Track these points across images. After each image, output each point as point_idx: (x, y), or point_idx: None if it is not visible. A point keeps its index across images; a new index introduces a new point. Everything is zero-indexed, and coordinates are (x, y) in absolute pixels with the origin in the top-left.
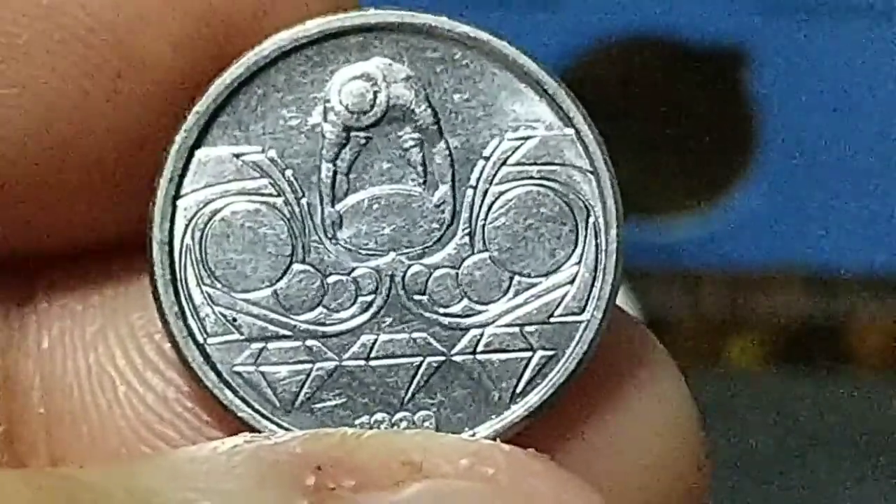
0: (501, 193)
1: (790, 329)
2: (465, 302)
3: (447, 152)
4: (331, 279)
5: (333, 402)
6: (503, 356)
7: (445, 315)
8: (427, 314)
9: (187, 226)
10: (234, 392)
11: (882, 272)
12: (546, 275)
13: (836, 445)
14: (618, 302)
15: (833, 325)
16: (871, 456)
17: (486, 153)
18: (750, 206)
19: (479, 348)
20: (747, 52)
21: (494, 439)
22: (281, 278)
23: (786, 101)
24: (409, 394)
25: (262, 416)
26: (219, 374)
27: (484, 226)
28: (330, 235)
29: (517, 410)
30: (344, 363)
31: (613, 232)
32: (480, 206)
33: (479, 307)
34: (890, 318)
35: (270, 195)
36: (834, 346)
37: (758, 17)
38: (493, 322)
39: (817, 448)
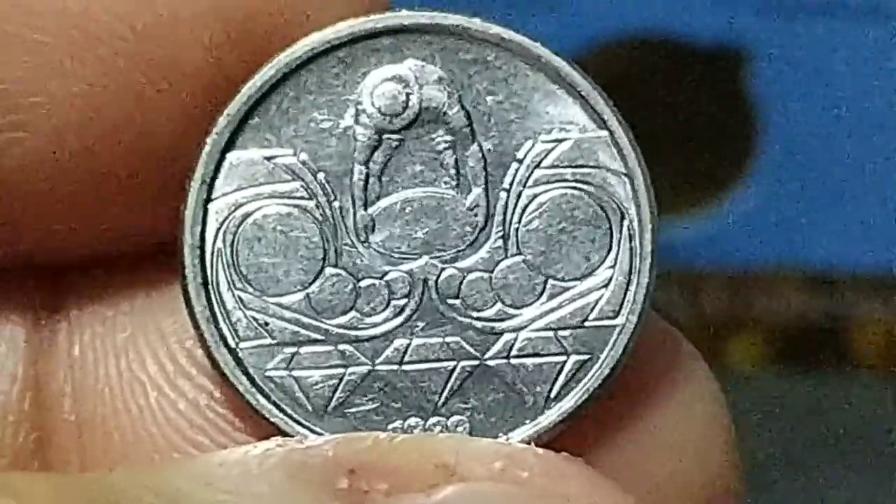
0: (535, 196)
1: (790, 329)
2: (499, 306)
3: (480, 155)
4: (363, 283)
5: (366, 407)
6: (537, 360)
7: (479, 319)
8: (460, 318)
9: (219, 229)
10: (267, 397)
11: (882, 272)
12: (580, 278)
13: (836, 445)
14: None
15: (833, 325)
16: (871, 456)
17: (519, 155)
18: (750, 206)
19: (513, 352)
20: (747, 52)
21: (528, 444)
22: (313, 282)
23: (786, 101)
24: (443, 398)
25: (295, 420)
26: (251, 378)
27: (518, 229)
28: (362, 239)
29: (551, 415)
30: (377, 368)
31: (648, 235)
32: (514, 209)
33: (512, 311)
34: (890, 318)
35: (302, 198)
36: (834, 346)
37: (758, 17)
38: (527, 326)
39: (817, 448)
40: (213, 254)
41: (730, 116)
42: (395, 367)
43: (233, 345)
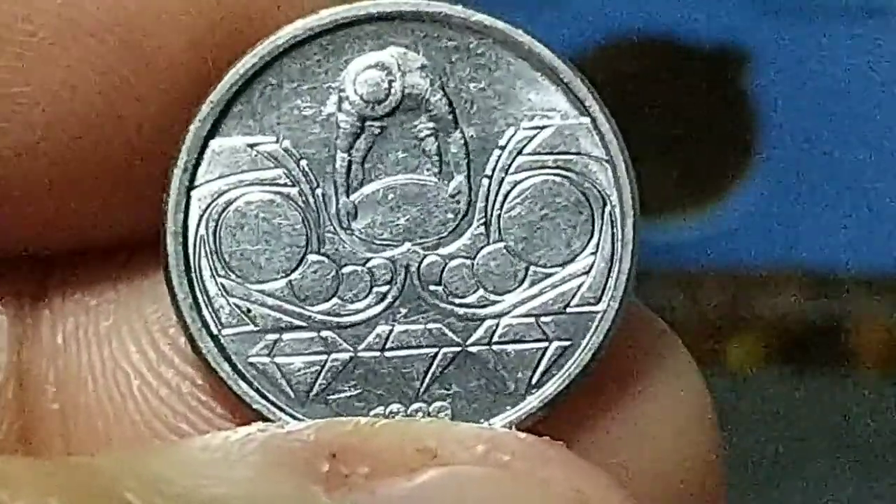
0: (517, 183)
1: (790, 329)
2: (481, 292)
3: (462, 142)
4: (346, 270)
5: (349, 394)
6: (519, 347)
7: (461, 305)
8: (442, 305)
9: (202, 216)
10: (249, 384)
11: (882, 272)
12: (562, 265)
13: (836, 445)
14: None
15: (833, 325)
16: (871, 456)
17: (501, 142)
18: (750, 206)
19: (495, 339)
20: (747, 52)
21: (510, 429)
22: (296, 269)
23: (786, 101)
24: (425, 385)
25: (277, 407)
26: (233, 365)
27: (499, 216)
28: (345, 226)
29: (533, 401)
30: (359, 354)
31: (630, 222)
32: (496, 196)
33: (494, 297)
34: (890, 318)
35: (285, 185)
36: (834, 346)
37: (758, 17)
38: (509, 312)
39: (817, 448)
40: (195, 241)
41: (730, 116)
42: (377, 353)
43: (215, 332)
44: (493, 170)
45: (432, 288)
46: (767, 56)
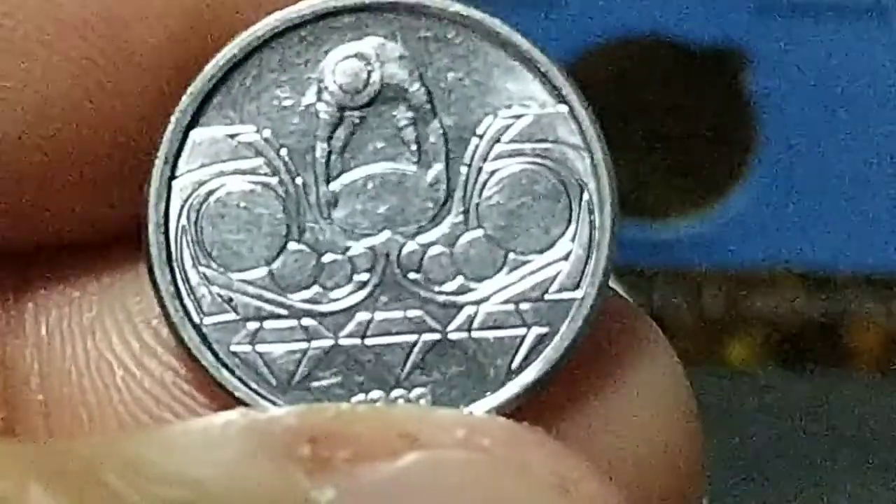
0: (495, 171)
1: (790, 329)
2: (460, 279)
3: (441, 131)
4: (326, 258)
5: (330, 381)
6: (498, 333)
7: (440, 293)
8: (422, 292)
9: (182, 206)
10: (231, 372)
11: (882, 272)
12: (540, 252)
13: (836, 445)
14: None
15: (832, 324)
16: (870, 456)
17: (479, 131)
18: (749, 206)
19: (474, 326)
20: (747, 52)
21: (490, 415)
22: (276, 258)
23: (785, 101)
24: (405, 372)
25: (260, 395)
26: (215, 354)
27: (478, 204)
28: (325, 215)
29: (512, 388)
30: (340, 342)
31: (607, 209)
32: (475, 184)
33: (473, 285)
34: (890, 318)
35: (265, 175)
36: (833, 345)
37: (757, 17)
38: (488, 299)
39: (817, 448)
40: (177, 231)
41: (729, 116)
42: (357, 341)
43: (197, 321)
44: (472, 158)
45: (412, 276)
46: (767, 56)
